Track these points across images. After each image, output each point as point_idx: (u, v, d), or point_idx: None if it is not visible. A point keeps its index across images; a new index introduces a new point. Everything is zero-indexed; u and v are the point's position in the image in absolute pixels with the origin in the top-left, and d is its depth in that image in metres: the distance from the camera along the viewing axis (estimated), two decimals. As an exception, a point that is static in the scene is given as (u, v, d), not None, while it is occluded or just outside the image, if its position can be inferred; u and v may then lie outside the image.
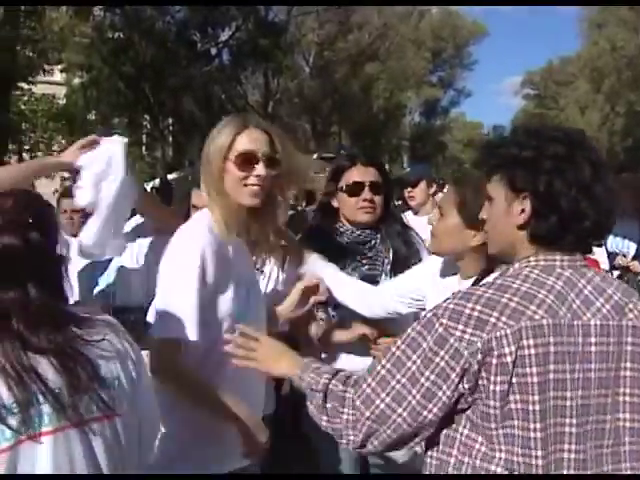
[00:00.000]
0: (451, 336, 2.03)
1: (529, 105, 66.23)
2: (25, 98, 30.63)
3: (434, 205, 5.90)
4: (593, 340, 2.06)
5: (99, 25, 29.14)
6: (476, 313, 2.03)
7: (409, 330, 2.13)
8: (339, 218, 3.93)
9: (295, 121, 41.65)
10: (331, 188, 3.92)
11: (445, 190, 4.87)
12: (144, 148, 34.38)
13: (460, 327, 2.03)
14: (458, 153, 62.91)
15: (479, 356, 2.00)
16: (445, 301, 2.10)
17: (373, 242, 3.87)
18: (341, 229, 3.89)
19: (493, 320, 2.01)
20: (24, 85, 29.15)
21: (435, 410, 2.06)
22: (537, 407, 2.00)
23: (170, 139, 31.80)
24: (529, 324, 2.00)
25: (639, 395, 2.10)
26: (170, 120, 31.61)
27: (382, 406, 2.09)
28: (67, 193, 4.87)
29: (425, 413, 2.06)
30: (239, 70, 33.31)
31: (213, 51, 32.34)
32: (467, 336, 2.01)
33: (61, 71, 31.68)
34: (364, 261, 3.83)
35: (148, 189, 11.52)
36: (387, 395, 2.09)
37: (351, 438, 2.14)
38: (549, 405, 2.01)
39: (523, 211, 2.16)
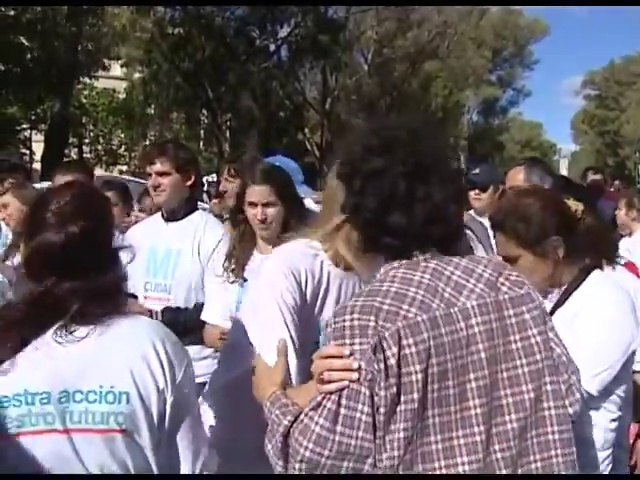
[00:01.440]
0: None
1: (590, 105, 65.28)
2: (86, 92, 31.10)
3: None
4: (474, 321, 2.02)
5: (159, 21, 29.40)
6: (356, 322, 1.97)
7: None
8: None
9: (352, 119, 41.55)
10: None
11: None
12: (202, 143, 34.63)
13: (348, 341, 1.96)
14: (516, 153, 62.25)
15: (374, 363, 1.93)
16: (330, 321, 2.04)
17: None
18: None
19: (372, 324, 1.95)
20: (86, 79, 29.59)
21: (361, 434, 1.95)
22: (417, 404, 1.94)
23: (228, 134, 31.92)
24: (405, 323, 1.95)
25: (535, 362, 2.06)
26: (228, 115, 31.75)
27: (308, 454, 1.98)
28: None
29: (353, 442, 1.95)
30: (297, 67, 33.35)
31: (272, 47, 32.47)
32: (357, 347, 1.95)
33: (121, 66, 32.09)
34: None
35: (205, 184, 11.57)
36: (310, 442, 1.97)
37: None
38: (432, 397, 1.96)
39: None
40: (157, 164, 4.08)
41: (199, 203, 4.49)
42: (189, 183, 4.13)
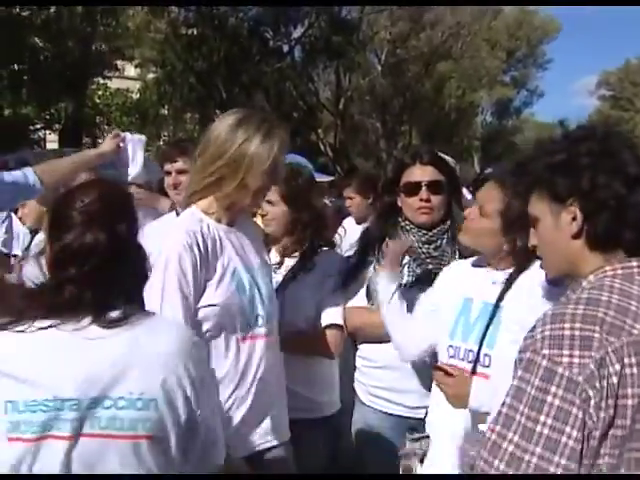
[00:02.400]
0: (558, 365, 1.77)
1: (604, 106, 65.02)
2: (100, 92, 31.16)
3: None
4: None
5: (173, 21, 29.48)
6: (577, 332, 1.78)
7: (512, 381, 1.86)
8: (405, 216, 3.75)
9: (366, 119, 41.54)
10: (393, 187, 3.75)
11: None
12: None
13: (566, 352, 1.77)
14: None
15: (596, 381, 1.74)
16: (532, 332, 1.86)
17: (440, 242, 3.65)
18: (407, 227, 3.69)
19: (597, 335, 1.77)
20: (99, 80, 29.69)
21: (564, 462, 1.72)
22: (626, 432, 1.76)
23: (242, 135, 31.93)
24: (629, 340, 1.78)
25: None
26: (241, 116, 31.74)
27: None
28: None
29: (552, 469, 1.72)
30: (311, 67, 33.37)
31: (285, 48, 32.50)
32: (576, 360, 1.76)
33: (135, 66, 32.17)
34: (428, 260, 3.62)
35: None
36: (501, 462, 1.77)
37: None
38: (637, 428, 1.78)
39: (574, 219, 1.99)
40: (179, 162, 4.10)
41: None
42: None
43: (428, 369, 3.24)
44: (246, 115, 3.00)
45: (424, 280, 3.51)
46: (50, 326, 2.07)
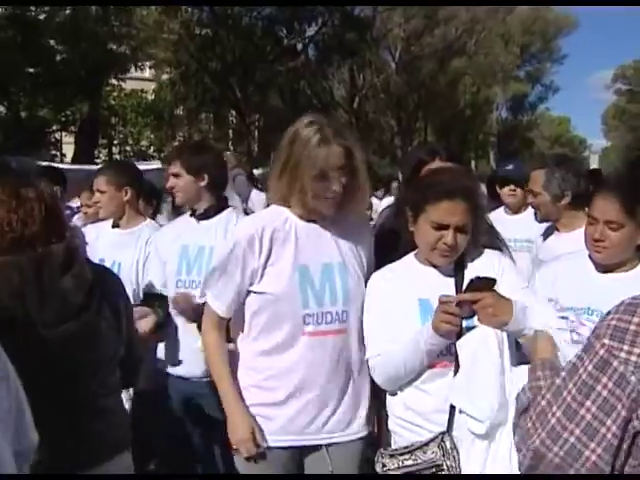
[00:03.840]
0: (614, 359, 1.73)
1: (621, 100, 64.64)
2: (115, 94, 31.28)
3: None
4: None
5: (187, 22, 29.52)
6: None
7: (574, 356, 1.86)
8: None
9: (380, 117, 41.47)
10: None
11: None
12: (230, 143, 34.73)
13: (625, 348, 1.72)
14: (546, 150, 61.79)
15: None
16: (607, 316, 1.82)
17: None
18: None
19: None
20: (114, 81, 29.80)
21: (599, 451, 1.72)
22: None
23: (256, 134, 32.00)
24: None
25: None
26: (256, 115, 31.83)
27: (537, 443, 1.82)
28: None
29: (587, 453, 1.74)
30: (325, 65, 33.34)
31: (299, 46, 32.47)
32: (634, 358, 1.71)
33: (150, 67, 32.24)
34: None
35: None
36: (543, 430, 1.81)
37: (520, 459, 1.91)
38: None
39: None
40: (172, 165, 4.18)
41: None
42: (203, 184, 4.16)
43: None
44: (311, 120, 3.03)
45: None
46: None
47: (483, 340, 2.79)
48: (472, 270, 3.03)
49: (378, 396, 3.20)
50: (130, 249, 4.44)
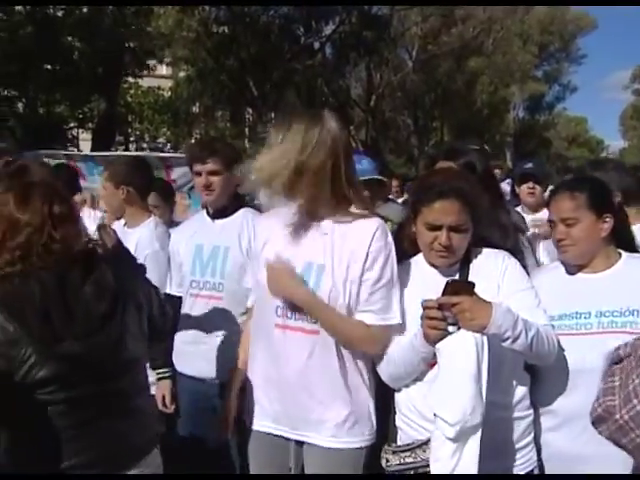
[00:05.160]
0: None
1: (639, 100, 64.24)
2: (132, 91, 31.36)
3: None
4: None
5: (204, 20, 29.56)
6: None
7: None
8: None
9: (397, 115, 41.40)
10: None
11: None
12: (247, 141, 34.76)
13: None
14: (563, 150, 61.49)
15: None
16: None
17: None
18: None
19: None
20: (131, 79, 29.89)
21: None
22: None
23: (273, 132, 31.97)
24: None
25: None
26: (273, 113, 31.84)
27: (611, 402, 1.98)
28: None
29: None
30: (342, 64, 33.31)
31: (316, 45, 32.45)
32: None
33: (167, 65, 32.32)
34: None
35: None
36: (622, 391, 1.97)
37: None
38: None
39: None
40: (209, 163, 4.09)
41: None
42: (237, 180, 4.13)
43: None
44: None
45: None
46: None
47: (461, 344, 2.77)
48: (475, 271, 3.04)
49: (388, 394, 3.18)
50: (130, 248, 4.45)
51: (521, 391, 3.06)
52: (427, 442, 2.89)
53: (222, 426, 3.36)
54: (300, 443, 3.12)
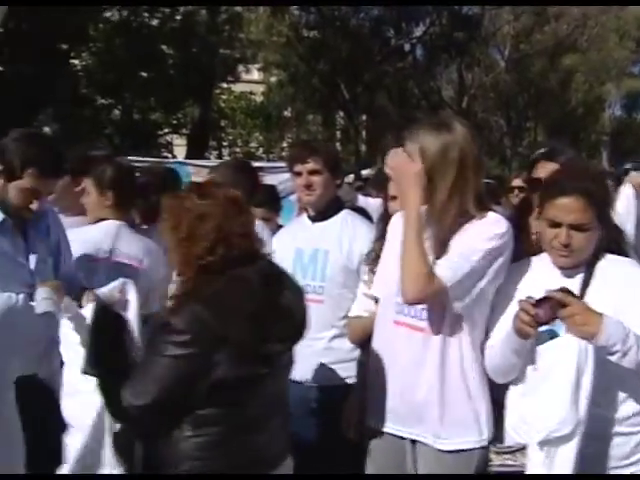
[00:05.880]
0: None
1: None
2: (224, 97, 31.81)
3: None
4: None
5: (295, 24, 29.79)
6: None
7: None
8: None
9: (490, 116, 40.89)
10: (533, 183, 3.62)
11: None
12: (338, 144, 34.92)
13: None
14: (661, 149, 59.93)
15: None
16: None
17: None
18: None
19: None
20: (224, 84, 30.33)
21: None
22: None
23: (364, 135, 32.02)
24: None
25: None
26: (364, 116, 31.86)
27: None
28: None
29: None
30: (433, 65, 33.13)
31: (407, 47, 32.37)
32: None
33: (259, 70, 32.69)
34: None
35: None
36: None
37: None
38: None
39: None
40: (310, 163, 4.06)
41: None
42: (338, 182, 4.10)
43: None
44: None
45: None
46: None
47: (562, 350, 2.70)
48: (600, 276, 2.94)
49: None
50: None
51: (633, 406, 2.93)
52: (525, 447, 2.83)
53: (344, 426, 3.37)
54: (414, 442, 3.09)
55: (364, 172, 19.14)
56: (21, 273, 3.62)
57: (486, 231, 2.95)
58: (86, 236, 4.20)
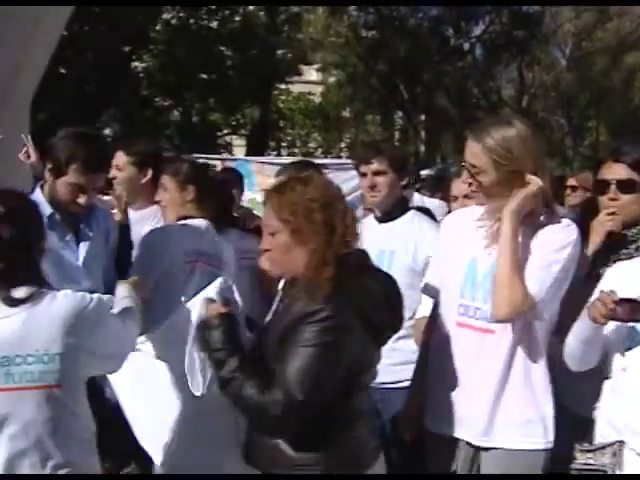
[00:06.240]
0: None
1: None
2: (283, 97, 31.93)
3: None
4: None
5: (354, 24, 29.78)
6: None
7: None
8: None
9: (550, 116, 40.40)
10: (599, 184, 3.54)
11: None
12: (396, 144, 34.89)
13: None
14: None
15: None
16: None
17: None
18: None
19: None
20: (282, 85, 30.47)
21: None
22: None
23: (423, 135, 31.89)
24: None
25: None
26: (423, 116, 31.73)
27: None
28: None
29: None
30: (493, 64, 32.84)
31: (466, 46, 32.14)
32: None
33: (317, 70, 32.75)
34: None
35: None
36: None
37: None
38: None
39: None
40: (374, 163, 4.06)
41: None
42: (403, 183, 4.09)
43: None
44: None
45: None
46: None
47: None
48: None
49: None
50: None
51: None
52: (606, 446, 2.84)
53: (401, 427, 3.35)
54: (475, 446, 3.08)
55: (423, 172, 19.04)
56: (69, 268, 3.76)
57: (562, 239, 2.96)
58: (181, 237, 4.15)
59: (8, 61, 4.78)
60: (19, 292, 2.63)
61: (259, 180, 9.76)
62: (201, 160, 7.68)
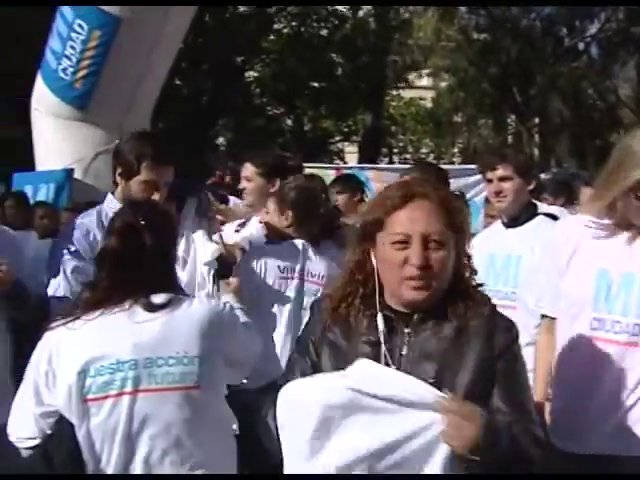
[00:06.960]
0: None
1: None
2: (394, 103, 31.95)
3: None
4: None
5: (464, 28, 29.53)
6: None
7: None
8: None
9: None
10: None
11: None
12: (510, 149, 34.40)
13: None
14: None
15: None
16: None
17: None
18: None
19: None
20: (393, 91, 30.50)
21: None
22: None
23: (537, 138, 31.29)
24: None
25: None
26: (537, 119, 31.15)
27: None
28: None
29: None
30: (609, 63, 31.96)
31: (581, 46, 31.38)
32: None
33: (428, 75, 32.64)
34: None
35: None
36: None
37: None
38: None
39: None
40: (499, 169, 4.05)
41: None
42: (530, 187, 4.05)
43: None
44: None
45: None
46: (99, 315, 2.73)
47: None
48: None
49: None
50: None
51: None
52: None
53: None
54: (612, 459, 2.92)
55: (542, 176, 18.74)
56: None
57: None
58: (278, 253, 4.30)
59: (133, 71, 4.95)
60: (158, 298, 2.77)
61: (377, 187, 9.78)
62: (313, 171, 7.83)
